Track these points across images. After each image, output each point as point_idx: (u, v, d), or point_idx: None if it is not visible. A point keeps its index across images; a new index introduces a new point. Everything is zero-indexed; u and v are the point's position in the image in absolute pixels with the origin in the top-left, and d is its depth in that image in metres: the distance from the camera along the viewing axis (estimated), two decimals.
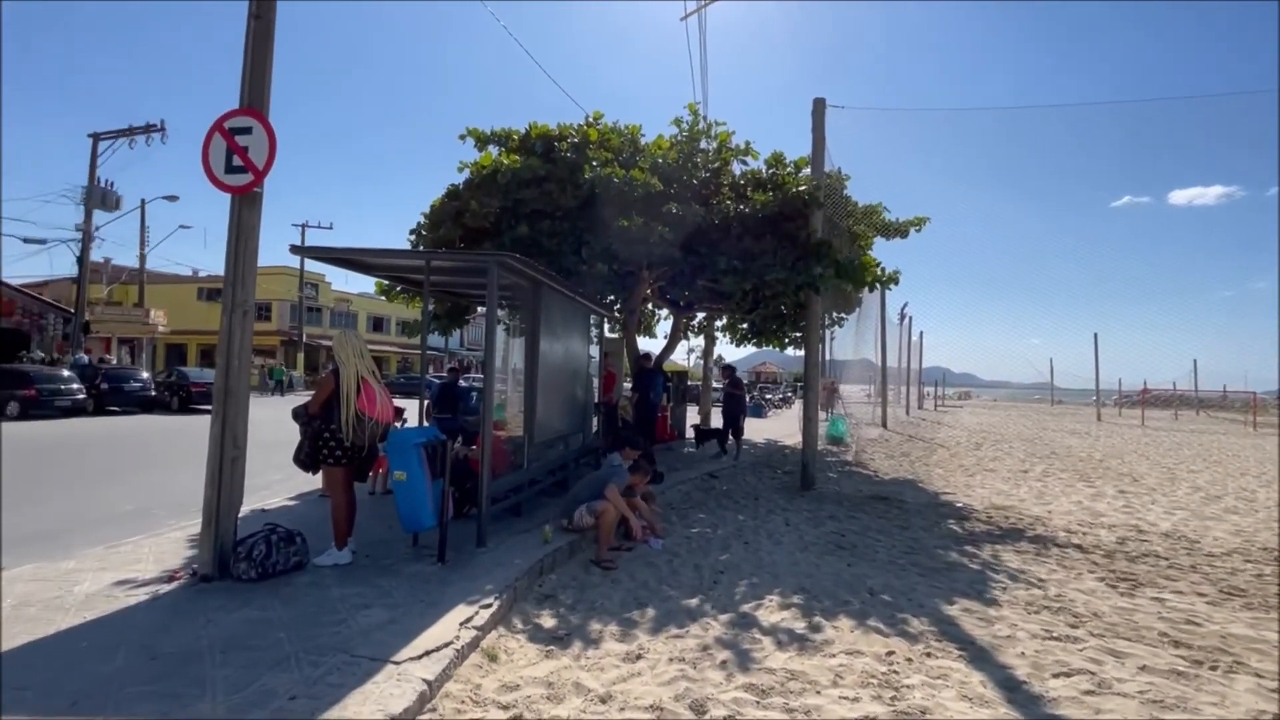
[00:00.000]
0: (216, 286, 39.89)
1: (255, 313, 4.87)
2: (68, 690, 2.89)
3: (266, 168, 4.63)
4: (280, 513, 6.58)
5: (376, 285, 9.30)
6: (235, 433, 4.52)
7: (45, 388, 17.17)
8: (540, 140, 9.47)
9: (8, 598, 4.03)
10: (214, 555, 4.42)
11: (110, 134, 24.32)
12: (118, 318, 28.99)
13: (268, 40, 4.82)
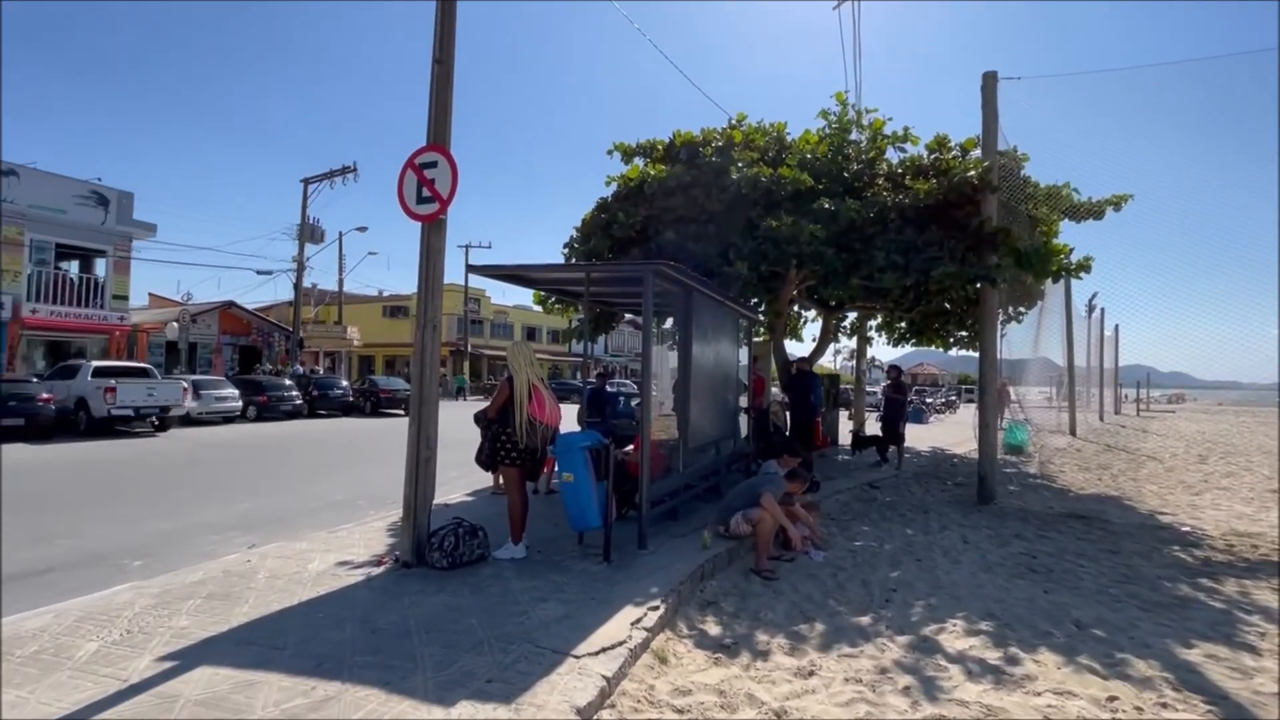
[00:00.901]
0: (398, 304, 45.22)
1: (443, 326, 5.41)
2: (313, 653, 3.39)
3: (450, 196, 5.13)
4: (460, 507, 7.25)
5: (534, 296, 9.94)
6: (428, 435, 5.05)
7: (273, 394, 20.50)
8: (684, 148, 9.57)
9: (261, 573, 4.83)
10: (413, 545, 4.97)
11: (316, 178, 28.57)
12: (322, 334, 33.90)
13: (448, 83, 5.35)
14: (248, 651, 3.41)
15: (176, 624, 3.78)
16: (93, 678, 3.10)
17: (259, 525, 6.93)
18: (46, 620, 3.82)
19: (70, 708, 2.82)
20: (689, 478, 6.73)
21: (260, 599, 4.23)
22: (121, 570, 5.32)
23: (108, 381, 15.19)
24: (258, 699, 2.92)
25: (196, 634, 3.64)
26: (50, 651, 3.39)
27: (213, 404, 18.25)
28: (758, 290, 9.58)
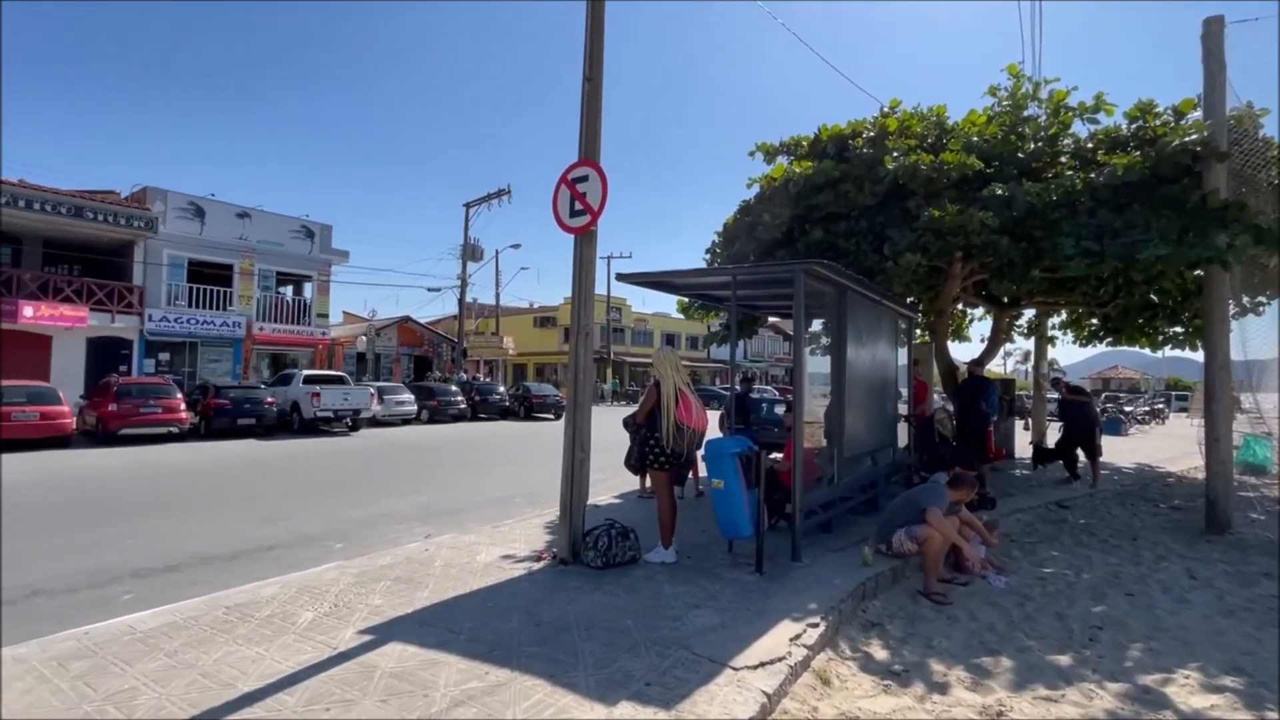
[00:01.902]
0: (547, 315, 48.08)
1: (596, 335, 5.60)
2: (484, 639, 3.62)
3: (601, 208, 5.29)
4: (609, 509, 7.44)
5: (678, 303, 10.01)
6: (583, 438, 5.24)
7: (443, 399, 22.68)
8: (832, 141, 9.13)
9: (437, 561, 5.29)
10: (569, 543, 5.16)
11: (476, 201, 31.29)
12: (482, 344, 36.98)
13: (597, 99, 5.54)
14: (430, 633, 3.72)
15: (372, 602, 4.24)
16: (311, 643, 3.56)
17: (434, 517, 7.63)
18: (275, 590, 4.47)
19: (295, 667, 3.25)
20: (844, 489, 6.35)
21: (438, 585, 4.62)
22: (327, 551, 6.10)
23: (314, 388, 17.73)
24: (440, 677, 3.16)
25: (388, 612, 4.05)
26: (279, 617, 3.95)
27: (394, 408, 20.58)
28: (917, 287, 8.85)
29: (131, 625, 3.81)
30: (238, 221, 24.06)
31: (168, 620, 3.89)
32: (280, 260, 25.39)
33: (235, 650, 3.46)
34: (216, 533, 6.69)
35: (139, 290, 21.29)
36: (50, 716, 2.77)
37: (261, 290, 24.86)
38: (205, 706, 2.86)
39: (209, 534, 6.63)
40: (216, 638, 3.63)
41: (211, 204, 23.50)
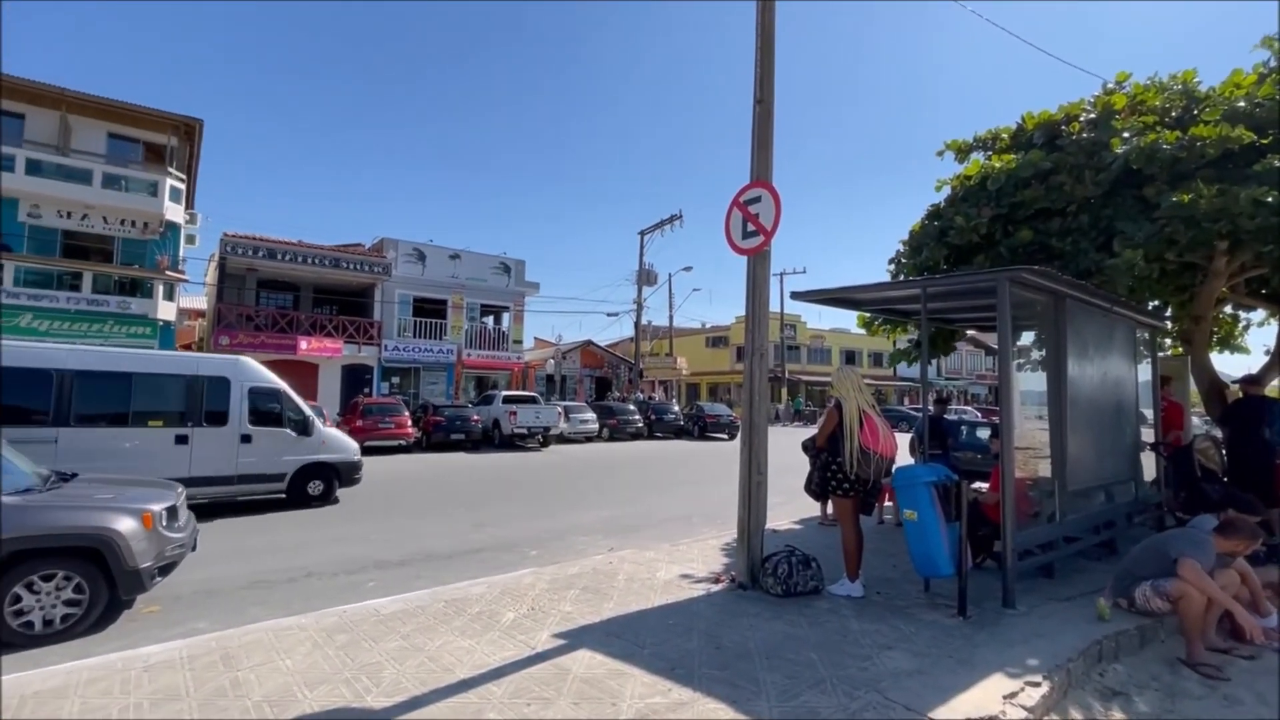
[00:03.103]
0: (718, 335, 48.32)
1: (773, 354, 5.51)
2: (666, 656, 3.69)
3: (774, 228, 5.23)
4: (789, 535, 7.20)
5: (858, 319, 9.45)
6: (759, 460, 5.16)
7: (622, 418, 23.79)
8: (1040, 130, 8.06)
9: (621, 575, 5.51)
10: (748, 567, 5.08)
11: (649, 229, 32.68)
12: (657, 365, 38.21)
13: (769, 120, 5.51)
14: (616, 643, 3.89)
15: (563, 608, 4.55)
16: (513, 641, 3.92)
17: (616, 532, 7.99)
18: (483, 589, 4.99)
19: (500, 661, 3.60)
20: (1070, 528, 5.46)
21: (622, 598, 4.81)
22: (523, 556, 6.68)
23: (511, 407, 19.66)
24: (625, 688, 3.28)
25: (578, 619, 4.32)
26: (486, 615, 4.40)
27: (578, 425, 22.05)
28: (1161, 288, 7.42)
29: (376, 609, 4.51)
30: (450, 262, 27.75)
31: (401, 608, 4.53)
32: (483, 294, 28.73)
33: (452, 640, 3.92)
34: (437, 534, 7.68)
35: (378, 325, 25.45)
36: (320, 678, 3.37)
37: (469, 321, 28.30)
38: (432, 686, 3.28)
39: (431, 535, 7.63)
40: (438, 627, 4.15)
41: (430, 249, 27.40)
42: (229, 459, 8.55)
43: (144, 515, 4.63)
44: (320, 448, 9.52)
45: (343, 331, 24.47)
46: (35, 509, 4.33)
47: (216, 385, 8.63)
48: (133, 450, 8.00)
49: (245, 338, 21.81)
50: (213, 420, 8.51)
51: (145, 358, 8.84)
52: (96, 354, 8.33)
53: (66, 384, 7.75)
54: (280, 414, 9.18)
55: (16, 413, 7.46)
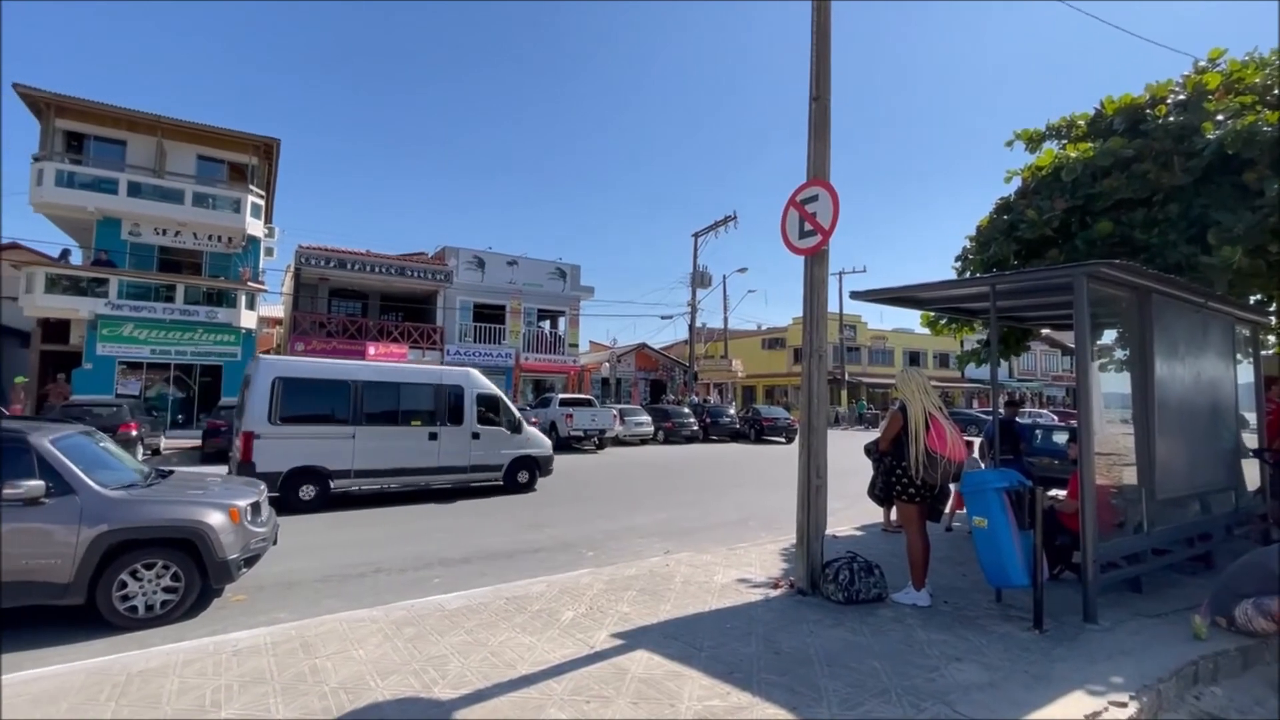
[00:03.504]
0: (775, 336, 47.61)
1: (832, 356, 5.39)
2: (724, 660, 3.67)
3: (832, 227, 5.13)
4: (849, 541, 7.01)
5: (922, 318, 9.12)
6: (819, 464, 5.06)
7: (677, 421, 23.77)
8: (1121, 115, 7.57)
9: (677, 577, 5.51)
10: (807, 573, 4.99)
11: (703, 230, 32.55)
12: (712, 367, 37.96)
13: (825, 118, 5.42)
14: (673, 645, 3.89)
15: (621, 609, 4.59)
16: (572, 639, 3.98)
17: (672, 534, 7.98)
18: (542, 588, 5.10)
19: (560, 659, 3.67)
20: (1159, 540, 5.10)
21: (678, 600, 4.81)
22: (580, 557, 6.76)
23: (568, 410, 19.95)
24: (684, 690, 3.28)
25: (635, 620, 4.34)
26: (546, 613, 4.49)
27: (633, 428, 22.15)
28: (1264, 282, 6.84)
29: (441, 604, 4.67)
30: (508, 268, 28.45)
31: (465, 604, 4.68)
32: (540, 299, 29.31)
33: (514, 636, 4.02)
34: (498, 533, 7.88)
35: (440, 330, 26.34)
36: (390, 668, 3.52)
37: (526, 325, 28.92)
38: (495, 680, 3.37)
39: (492, 534, 7.83)
40: (500, 623, 4.26)
41: (489, 255, 28.18)
42: (464, 452, 10.51)
43: (231, 510, 4.96)
44: (527, 443, 11.43)
45: (408, 337, 25.45)
46: (138, 503, 4.71)
47: (454, 392, 10.58)
48: (401, 445, 9.92)
49: (318, 343, 23.01)
50: (453, 420, 10.43)
51: (407, 370, 10.86)
52: (375, 368, 10.37)
53: (359, 392, 9.70)
54: (498, 416, 11.12)
55: (328, 414, 9.52)
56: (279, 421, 9.08)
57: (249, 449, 8.80)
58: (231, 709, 3.03)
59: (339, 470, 9.39)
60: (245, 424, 8.95)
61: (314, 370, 9.79)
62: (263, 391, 9.07)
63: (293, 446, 9.07)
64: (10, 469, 4.36)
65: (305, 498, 9.13)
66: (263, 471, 8.51)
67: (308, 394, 9.43)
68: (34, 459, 4.44)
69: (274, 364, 9.65)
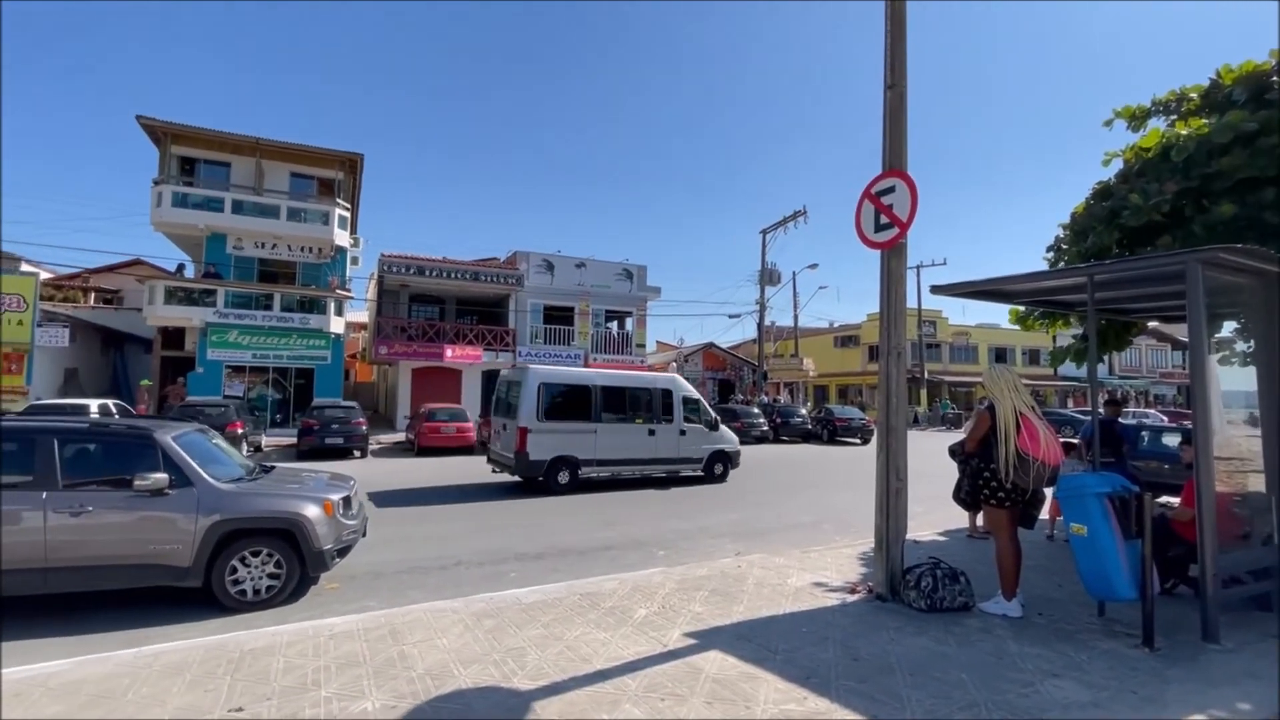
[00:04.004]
0: (848, 334, 46.16)
1: (910, 353, 5.18)
2: (800, 664, 3.59)
3: (910, 219, 4.93)
4: (932, 546, 6.71)
5: (1011, 314, 8.58)
6: (898, 466, 4.86)
7: (746, 421, 23.45)
8: (1242, 84, 6.84)
9: (750, 579, 5.44)
10: (886, 578, 4.81)
11: (772, 227, 31.96)
12: (782, 366, 37.22)
13: (901, 106, 5.21)
14: (747, 647, 3.84)
15: (693, 609, 4.57)
16: (645, 637, 4.01)
17: (744, 536, 7.89)
18: (615, 585, 5.15)
19: (634, 656, 3.70)
20: None
21: (751, 602, 4.75)
22: (651, 556, 6.79)
23: None
24: (759, 692, 3.23)
25: (708, 620, 4.32)
26: (619, 610, 4.54)
27: None
28: None
29: (518, 598, 4.81)
30: (576, 271, 28.95)
31: (540, 598, 4.80)
32: (608, 300, 29.66)
33: (588, 632, 4.09)
34: (570, 530, 8.03)
35: (513, 332, 27.13)
36: (472, 657, 3.65)
37: (594, 326, 29.34)
38: (571, 674, 3.44)
39: (564, 530, 8.00)
40: (574, 618, 4.34)
41: (558, 259, 28.77)
42: (675, 446, 12.18)
43: (325, 504, 5.30)
44: (721, 440, 12.91)
45: (482, 339, 26.36)
46: (246, 495, 5.11)
47: (666, 395, 12.26)
48: (629, 439, 11.68)
49: (400, 347, 24.20)
50: (666, 419, 12.11)
51: (630, 376, 13.05)
52: (606, 374, 12.43)
53: (597, 394, 11.52)
54: (699, 416, 12.66)
55: (577, 413, 11.28)
56: (543, 419, 10.85)
57: (524, 441, 10.64)
58: (330, 688, 3.24)
59: (585, 460, 11.20)
60: (520, 421, 10.69)
61: (566, 377, 11.76)
62: (531, 394, 10.84)
63: (554, 440, 10.92)
64: (140, 463, 4.84)
65: (562, 481, 10.97)
66: (534, 459, 10.66)
67: (562, 397, 11.28)
68: (159, 454, 4.91)
69: (539, 372, 11.42)
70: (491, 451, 12.10)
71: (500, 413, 11.77)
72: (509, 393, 11.60)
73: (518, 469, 10.77)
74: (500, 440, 11.53)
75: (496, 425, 11.90)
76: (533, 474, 10.83)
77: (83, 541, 4.56)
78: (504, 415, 11.54)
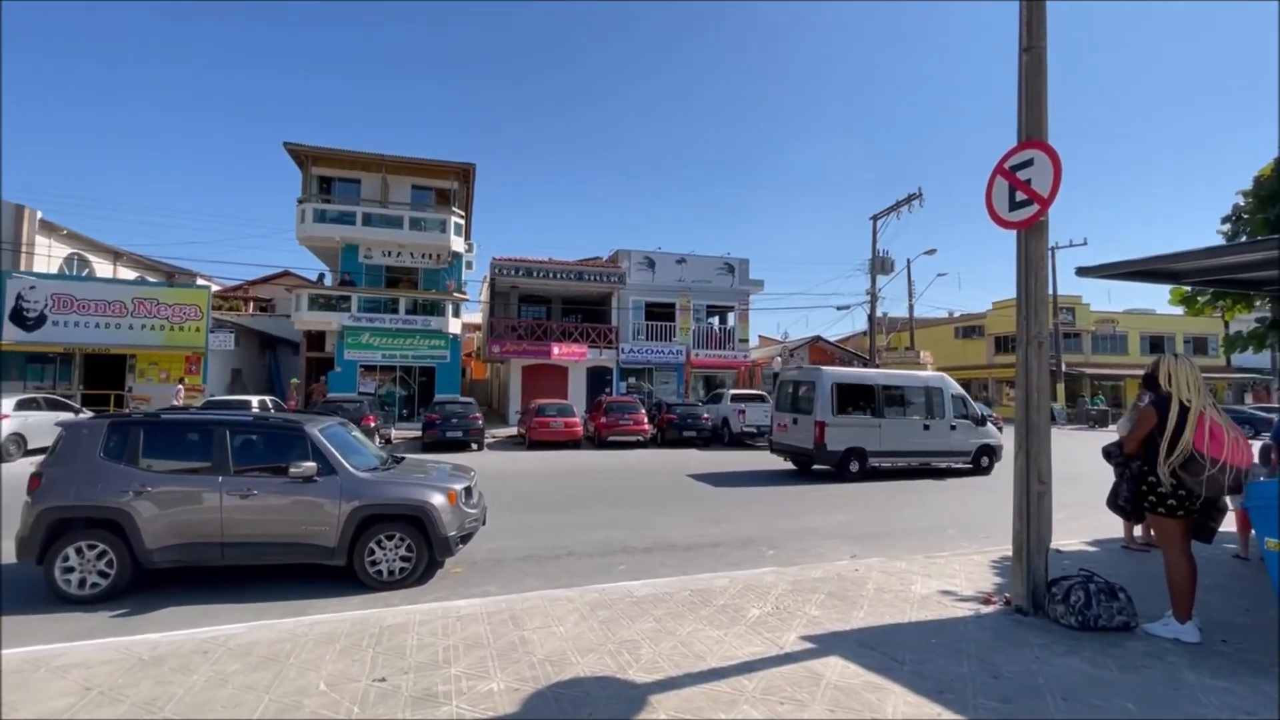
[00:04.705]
0: (970, 324, 42.89)
1: (1049, 344, 4.68)
2: (931, 677, 3.34)
3: (1052, 195, 4.45)
4: (1077, 557, 6.04)
5: (1173, 295, 7.58)
6: (1040, 467, 4.41)
7: None
8: None
9: (869, 584, 5.16)
10: (1027, 590, 4.38)
11: (883, 212, 30.27)
12: (896, 360, 35.20)
13: (1040, 70, 4.70)
14: (870, 655, 3.63)
15: (809, 612, 4.40)
16: (760, 637, 3.90)
17: (857, 538, 7.51)
18: (725, 583, 5.07)
19: (749, 656, 3.61)
20: None
21: (872, 608, 4.50)
22: (760, 555, 6.63)
23: (740, 405, 19.77)
24: (886, 704, 3.04)
25: (825, 625, 4.14)
26: (731, 608, 4.46)
27: None
28: None
29: (629, 590, 4.86)
30: (677, 266, 28.97)
31: (651, 592, 4.81)
32: (709, 295, 29.45)
33: (700, 629, 4.04)
34: (676, 525, 8.03)
35: (615, 329, 27.64)
36: (588, 646, 3.72)
37: (696, 322, 29.24)
38: (685, 670, 3.41)
39: (671, 526, 8.01)
40: (686, 614, 4.31)
41: (659, 255, 28.92)
42: (945, 439, 13.25)
43: (449, 493, 5.63)
44: (987, 435, 13.76)
45: (586, 337, 27.08)
46: (380, 483, 5.54)
47: (936, 392, 13.32)
48: (906, 432, 12.84)
49: (511, 345, 25.39)
50: (937, 414, 13.14)
51: (905, 376, 14.16)
52: (885, 374, 13.68)
53: (879, 392, 12.78)
54: (966, 411, 13.60)
55: (864, 408, 12.58)
56: (835, 414, 12.21)
57: (822, 434, 12.10)
58: (459, 667, 3.42)
59: (872, 451, 12.45)
60: (816, 416, 12.17)
61: (854, 377, 13.19)
62: (825, 393, 12.27)
63: (847, 433, 12.26)
64: (293, 452, 5.38)
65: (853, 470, 12.28)
66: (830, 449, 12.10)
67: (850, 394, 12.55)
68: (308, 445, 5.43)
69: (831, 372, 12.86)
70: (774, 443, 13.76)
71: (787, 409, 13.34)
72: (796, 391, 13.19)
73: (817, 458, 12.29)
74: (789, 433, 13.10)
75: (784, 420, 13.40)
76: (829, 462, 12.26)
77: (250, 520, 5.14)
78: (791, 411, 13.12)
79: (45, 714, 2.94)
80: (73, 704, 3.03)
